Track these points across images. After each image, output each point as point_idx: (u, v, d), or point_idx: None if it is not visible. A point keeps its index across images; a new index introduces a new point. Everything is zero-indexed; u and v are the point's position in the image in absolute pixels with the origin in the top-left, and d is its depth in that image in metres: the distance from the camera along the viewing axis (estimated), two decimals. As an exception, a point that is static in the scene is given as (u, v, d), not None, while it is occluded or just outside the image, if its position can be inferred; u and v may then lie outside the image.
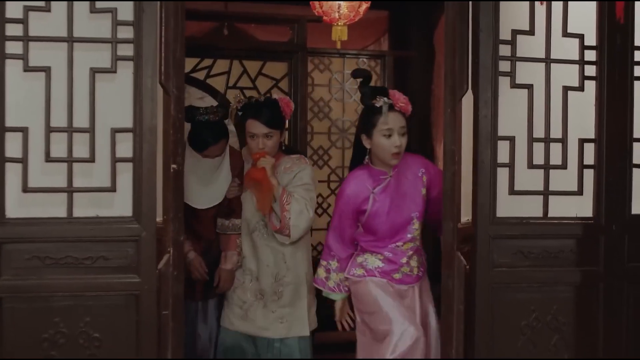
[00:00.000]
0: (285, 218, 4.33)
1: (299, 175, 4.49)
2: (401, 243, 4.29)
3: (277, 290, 4.56)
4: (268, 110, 4.41)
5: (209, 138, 4.41)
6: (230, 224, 4.72)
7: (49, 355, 3.37)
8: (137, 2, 3.41)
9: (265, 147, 4.40)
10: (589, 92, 3.85)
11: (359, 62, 6.82)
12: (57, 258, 3.41)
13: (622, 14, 3.60)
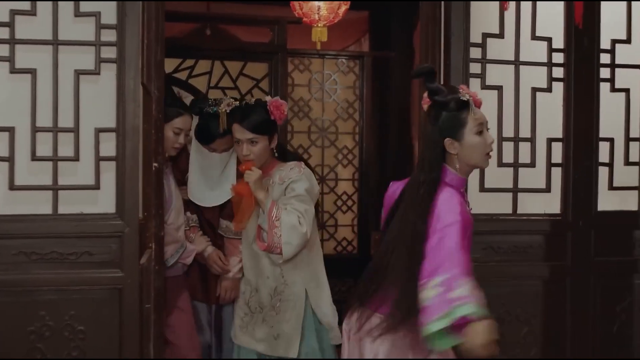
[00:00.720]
0: (275, 235, 3.89)
1: (291, 187, 4.03)
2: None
3: (275, 305, 4.13)
4: (253, 113, 4.04)
5: (216, 130, 4.15)
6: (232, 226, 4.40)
7: (36, 347, 3.45)
8: (120, 6, 3.50)
9: (250, 154, 4.02)
10: (557, 93, 3.98)
11: (338, 62, 6.91)
12: (42, 253, 3.49)
13: (581, 19, 3.73)
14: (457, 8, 3.79)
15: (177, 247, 4.15)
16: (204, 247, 4.35)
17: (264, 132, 4.02)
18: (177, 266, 4.21)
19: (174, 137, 4.08)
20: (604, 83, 4.05)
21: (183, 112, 4.13)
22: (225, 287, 4.34)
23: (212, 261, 4.33)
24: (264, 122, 4.02)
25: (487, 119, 3.15)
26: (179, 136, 4.10)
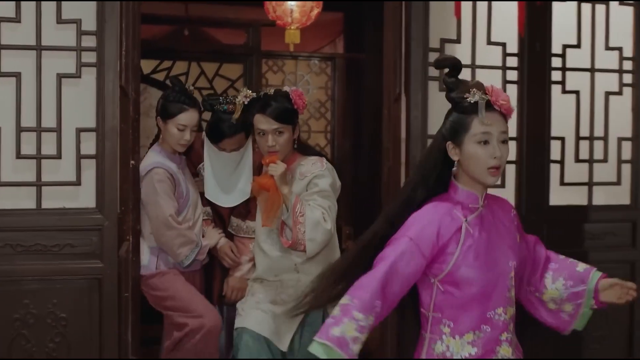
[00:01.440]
0: (299, 232, 3.70)
1: (314, 182, 3.87)
2: (501, 309, 2.81)
3: (287, 301, 3.86)
4: (277, 102, 3.84)
5: (224, 129, 4.09)
6: (245, 225, 4.34)
7: (20, 333, 3.65)
8: (100, 14, 3.70)
9: (275, 145, 3.83)
10: (511, 95, 4.09)
11: (311, 63, 7.14)
12: (27, 245, 3.68)
13: (522, 28, 3.94)
14: (417, 14, 3.99)
15: (192, 248, 4.10)
16: (217, 240, 4.27)
17: (288, 122, 3.85)
18: (194, 262, 4.19)
19: (178, 133, 4.06)
20: (555, 85, 4.27)
21: (187, 107, 4.08)
22: (233, 287, 4.28)
23: (224, 253, 4.27)
24: (288, 111, 3.85)
25: (504, 129, 2.72)
26: (184, 132, 4.06)
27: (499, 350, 2.77)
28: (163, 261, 4.16)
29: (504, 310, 2.78)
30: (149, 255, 4.16)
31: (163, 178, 4.02)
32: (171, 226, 4.01)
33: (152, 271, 4.14)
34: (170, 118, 4.03)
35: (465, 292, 2.77)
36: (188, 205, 4.14)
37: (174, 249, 4.06)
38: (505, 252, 2.82)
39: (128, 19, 3.77)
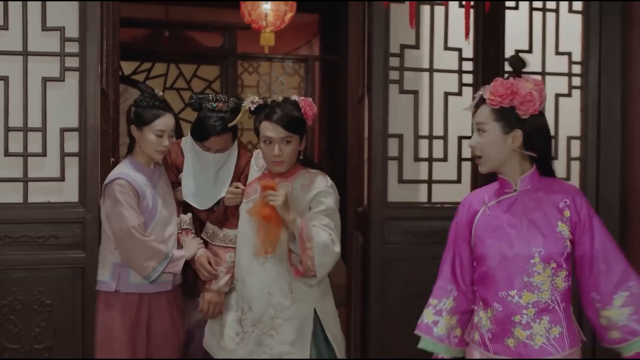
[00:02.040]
0: (309, 258, 3.46)
1: (319, 199, 3.62)
2: (515, 292, 2.97)
3: (276, 325, 3.63)
4: (286, 110, 3.60)
5: (210, 128, 3.71)
6: (222, 234, 3.88)
7: (8, 318, 3.86)
8: (82, 21, 3.92)
9: (282, 155, 3.57)
10: (467, 96, 4.41)
11: (285, 65, 7.36)
12: (14, 237, 3.88)
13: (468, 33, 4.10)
14: (378, 21, 4.23)
15: (160, 260, 3.65)
16: (194, 251, 3.81)
17: (297, 131, 3.61)
18: (164, 281, 3.75)
19: (156, 140, 3.68)
20: None
21: (163, 112, 3.73)
22: (209, 301, 3.79)
23: (199, 264, 3.78)
24: (297, 120, 3.61)
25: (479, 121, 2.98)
26: (162, 138, 3.70)
27: (513, 332, 2.94)
28: (124, 283, 3.71)
29: (519, 293, 2.92)
30: (110, 272, 3.71)
31: (125, 189, 3.63)
32: (135, 238, 3.60)
33: (110, 289, 3.70)
34: (147, 125, 3.67)
35: (481, 269, 3.02)
36: (154, 221, 3.74)
37: (140, 263, 3.62)
38: (531, 238, 2.94)
39: (108, 26, 4.00)
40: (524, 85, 2.91)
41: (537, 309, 2.92)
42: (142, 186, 3.69)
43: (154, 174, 3.81)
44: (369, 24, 4.30)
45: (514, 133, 2.91)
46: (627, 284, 2.92)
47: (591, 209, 3.02)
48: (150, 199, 3.73)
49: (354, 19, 4.40)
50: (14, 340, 3.88)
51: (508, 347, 2.96)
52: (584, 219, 2.97)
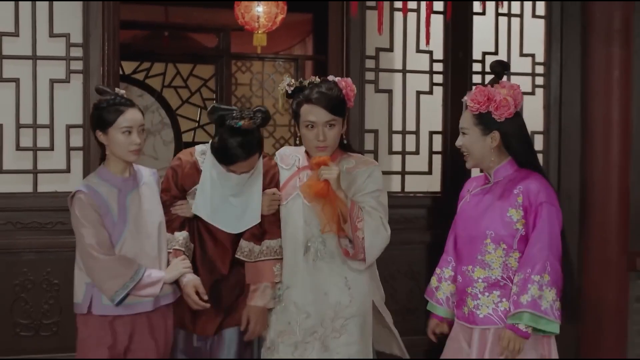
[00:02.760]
0: (358, 239, 3.26)
1: (369, 180, 3.40)
2: (471, 267, 3.34)
3: (338, 326, 3.37)
4: (329, 92, 3.34)
5: (238, 152, 3.22)
6: (264, 247, 3.45)
7: (20, 297, 4.17)
8: (85, 28, 4.22)
9: (326, 140, 3.31)
10: (437, 95, 4.78)
11: (276, 64, 7.69)
12: (25, 223, 4.20)
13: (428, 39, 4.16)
14: (355, 26, 4.55)
15: (123, 282, 3.25)
16: (176, 274, 3.38)
17: (341, 114, 3.36)
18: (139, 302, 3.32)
19: (125, 138, 3.30)
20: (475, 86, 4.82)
21: (125, 108, 3.33)
22: (257, 319, 3.41)
23: (185, 294, 3.36)
24: (341, 101, 3.37)
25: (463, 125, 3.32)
26: (131, 136, 3.30)
27: (466, 301, 3.32)
28: (97, 304, 3.31)
29: (473, 269, 3.30)
30: (83, 292, 3.33)
31: (83, 204, 3.28)
32: (93, 256, 3.25)
33: (83, 311, 3.31)
34: (110, 125, 3.29)
35: (456, 247, 3.47)
36: (123, 237, 3.32)
37: (101, 284, 3.26)
38: (488, 222, 3.28)
39: (109, 33, 4.28)
40: (499, 92, 3.24)
41: (487, 283, 3.27)
42: (104, 199, 3.32)
43: (126, 182, 3.40)
44: (346, 28, 4.59)
45: (492, 134, 3.26)
46: (526, 269, 3.16)
47: (546, 197, 3.25)
48: (116, 211, 3.33)
49: (333, 24, 4.69)
50: (25, 316, 4.19)
51: (464, 314, 3.34)
52: (534, 204, 3.23)
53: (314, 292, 3.37)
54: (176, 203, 3.50)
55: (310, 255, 3.38)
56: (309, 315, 3.37)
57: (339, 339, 3.35)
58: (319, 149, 3.32)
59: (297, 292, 3.39)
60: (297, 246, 3.40)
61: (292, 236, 3.42)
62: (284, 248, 3.44)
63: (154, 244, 3.40)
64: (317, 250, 3.37)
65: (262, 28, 6.98)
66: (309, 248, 3.38)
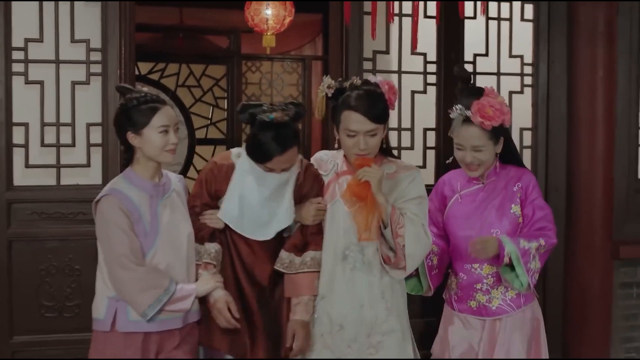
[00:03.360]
0: (399, 246, 3.14)
1: (411, 186, 3.27)
2: (477, 265, 3.50)
3: (375, 342, 3.22)
4: (372, 99, 3.18)
5: (273, 146, 3.05)
6: (308, 259, 3.28)
7: (45, 281, 4.42)
8: (104, 35, 4.45)
9: (367, 148, 3.16)
10: (431, 94, 5.02)
11: (284, 64, 7.97)
12: (49, 213, 4.41)
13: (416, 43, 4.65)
14: (353, 30, 4.76)
15: (157, 295, 3.01)
16: (209, 289, 3.17)
17: (383, 121, 3.23)
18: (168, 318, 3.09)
19: (162, 138, 3.08)
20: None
21: (160, 105, 3.11)
22: (304, 335, 3.22)
23: (217, 310, 3.14)
24: (384, 109, 3.24)
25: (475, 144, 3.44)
26: (168, 135, 3.10)
27: (475, 296, 3.54)
28: (121, 318, 3.06)
29: (480, 266, 3.52)
30: (106, 307, 3.08)
31: (114, 209, 3.03)
32: (126, 266, 2.99)
33: (105, 328, 3.07)
34: (145, 126, 3.07)
35: (453, 244, 3.60)
36: (155, 247, 3.10)
37: (132, 297, 3.01)
38: (492, 221, 3.48)
39: (126, 38, 4.51)
40: (498, 101, 3.40)
41: (495, 278, 3.51)
42: (136, 205, 3.08)
43: (157, 188, 3.18)
44: (345, 32, 4.80)
45: (500, 141, 3.48)
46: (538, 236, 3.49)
47: (535, 187, 3.57)
48: (149, 219, 3.10)
49: (334, 27, 4.94)
50: (49, 299, 4.43)
51: (470, 307, 3.56)
52: (528, 195, 3.53)
53: (350, 303, 3.22)
54: (206, 211, 3.28)
55: (347, 265, 3.24)
56: (342, 327, 3.22)
57: (375, 355, 3.20)
58: (358, 157, 3.20)
59: (332, 302, 3.24)
60: (336, 254, 3.26)
61: (330, 244, 3.27)
62: (323, 256, 3.29)
63: (184, 255, 3.17)
64: (355, 259, 3.24)
65: (271, 30, 7.30)
66: (347, 257, 3.26)
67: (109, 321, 3.05)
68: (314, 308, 3.26)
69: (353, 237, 3.23)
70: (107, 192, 3.09)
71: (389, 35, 4.96)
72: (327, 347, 3.23)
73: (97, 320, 3.11)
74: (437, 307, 4.04)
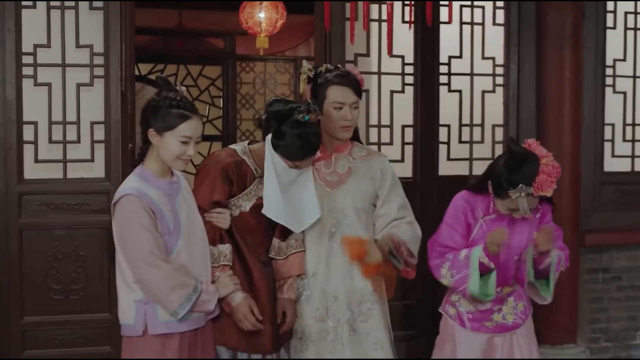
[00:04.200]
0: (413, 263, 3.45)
1: (389, 175, 3.54)
2: (500, 288, 3.57)
3: (365, 310, 3.42)
4: (351, 76, 3.46)
5: (310, 147, 3.20)
6: (293, 241, 3.45)
7: (52, 266, 4.70)
8: (106, 40, 4.74)
9: (352, 120, 3.41)
10: (409, 94, 5.31)
11: (277, 64, 8.29)
12: (57, 204, 4.67)
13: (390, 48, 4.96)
14: (336, 35, 5.05)
15: (187, 293, 2.94)
16: (230, 291, 3.17)
17: (360, 97, 3.53)
18: (195, 317, 3.05)
19: (180, 147, 2.97)
20: (442, 86, 5.37)
21: (191, 114, 2.99)
22: (292, 311, 3.42)
23: (242, 314, 3.18)
24: (360, 85, 3.53)
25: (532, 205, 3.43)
26: (187, 146, 2.98)
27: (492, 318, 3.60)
28: (152, 321, 2.99)
29: (502, 289, 3.56)
30: (134, 311, 2.99)
31: (136, 207, 2.92)
32: (156, 265, 2.89)
33: (137, 333, 2.99)
34: (170, 129, 2.95)
35: None
36: (178, 245, 3.02)
37: (162, 296, 2.92)
38: (517, 248, 3.49)
39: (126, 42, 4.79)
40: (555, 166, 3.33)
41: (509, 296, 3.62)
42: (157, 203, 2.99)
43: (172, 186, 3.09)
44: (328, 36, 5.07)
45: None
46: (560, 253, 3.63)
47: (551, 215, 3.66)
48: (171, 218, 3.02)
49: (318, 33, 5.21)
50: (57, 282, 4.70)
51: (485, 326, 3.61)
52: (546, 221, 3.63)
53: (340, 276, 3.39)
54: (214, 210, 3.27)
55: (335, 241, 3.41)
56: (337, 298, 3.37)
57: (367, 322, 3.37)
58: (344, 129, 3.43)
59: (323, 277, 3.40)
60: (322, 233, 3.42)
61: (317, 223, 3.40)
62: (310, 236, 3.44)
63: (203, 253, 3.13)
64: (342, 235, 3.40)
65: (264, 32, 7.60)
66: (334, 234, 3.42)
67: (140, 325, 2.95)
68: (306, 285, 3.43)
69: (338, 215, 3.44)
70: (126, 192, 2.95)
71: (370, 39, 5.23)
72: (324, 319, 3.38)
73: (127, 325, 3.00)
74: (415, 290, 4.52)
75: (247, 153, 3.39)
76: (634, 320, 5.82)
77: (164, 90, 3.05)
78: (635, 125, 5.88)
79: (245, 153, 3.37)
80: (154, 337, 2.96)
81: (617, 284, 5.76)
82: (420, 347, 5.20)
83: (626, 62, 5.83)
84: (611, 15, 5.77)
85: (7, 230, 4.68)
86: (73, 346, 4.78)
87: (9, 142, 4.66)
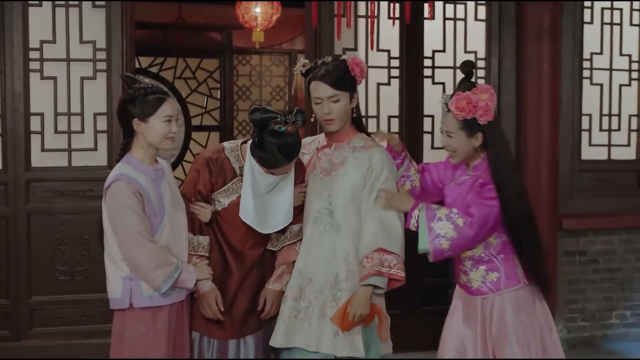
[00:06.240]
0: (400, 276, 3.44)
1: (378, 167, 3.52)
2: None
3: (336, 295, 3.44)
4: (333, 69, 3.45)
5: (280, 157, 3.28)
6: (287, 232, 3.60)
7: (58, 249, 4.99)
8: (108, 36, 5.01)
9: (331, 113, 3.42)
10: (394, 86, 5.54)
11: (272, 57, 8.53)
12: (62, 190, 4.97)
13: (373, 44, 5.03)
14: (326, 31, 5.28)
15: (169, 271, 3.18)
16: (204, 277, 3.39)
17: (345, 88, 3.47)
18: (176, 292, 3.29)
19: (165, 126, 3.23)
20: (426, 79, 5.59)
21: (166, 96, 3.28)
22: (273, 301, 3.54)
23: (207, 302, 3.40)
24: (344, 77, 3.47)
25: (449, 130, 3.44)
26: (170, 124, 3.25)
27: (460, 275, 3.62)
28: (137, 295, 3.23)
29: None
30: (121, 286, 3.21)
31: (125, 192, 3.15)
32: (142, 244, 3.13)
33: (124, 306, 3.22)
34: (152, 114, 3.21)
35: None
36: (162, 225, 3.27)
37: (147, 273, 3.15)
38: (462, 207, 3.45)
39: (127, 38, 5.06)
40: (481, 98, 3.35)
41: (473, 261, 3.55)
42: (144, 187, 3.22)
43: (157, 172, 3.33)
44: (318, 31, 5.28)
45: (476, 136, 3.41)
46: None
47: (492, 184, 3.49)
48: (156, 201, 3.26)
49: (309, 28, 5.42)
50: (62, 264, 5.00)
51: (460, 283, 3.65)
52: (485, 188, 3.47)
53: (318, 260, 3.46)
54: (197, 203, 3.46)
55: (318, 225, 3.48)
56: (311, 281, 3.45)
57: (335, 308, 3.41)
58: (327, 122, 3.48)
59: (302, 259, 3.49)
60: (308, 217, 3.52)
61: (307, 208, 3.55)
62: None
63: (184, 235, 3.37)
64: (325, 221, 3.48)
65: (260, 26, 7.80)
66: (317, 219, 3.49)
67: (127, 299, 3.19)
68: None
69: (324, 201, 3.50)
70: (116, 178, 3.18)
71: (357, 34, 5.47)
72: (294, 299, 3.46)
73: (114, 299, 3.24)
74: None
75: (236, 151, 3.53)
76: (609, 301, 6.01)
77: (131, 85, 3.29)
78: (612, 115, 6.07)
79: (233, 151, 3.53)
80: (136, 310, 3.20)
81: (593, 266, 5.95)
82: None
83: (603, 56, 6.03)
84: (588, 10, 5.96)
85: (15, 215, 4.95)
86: (78, 324, 5.06)
87: (17, 133, 4.93)
